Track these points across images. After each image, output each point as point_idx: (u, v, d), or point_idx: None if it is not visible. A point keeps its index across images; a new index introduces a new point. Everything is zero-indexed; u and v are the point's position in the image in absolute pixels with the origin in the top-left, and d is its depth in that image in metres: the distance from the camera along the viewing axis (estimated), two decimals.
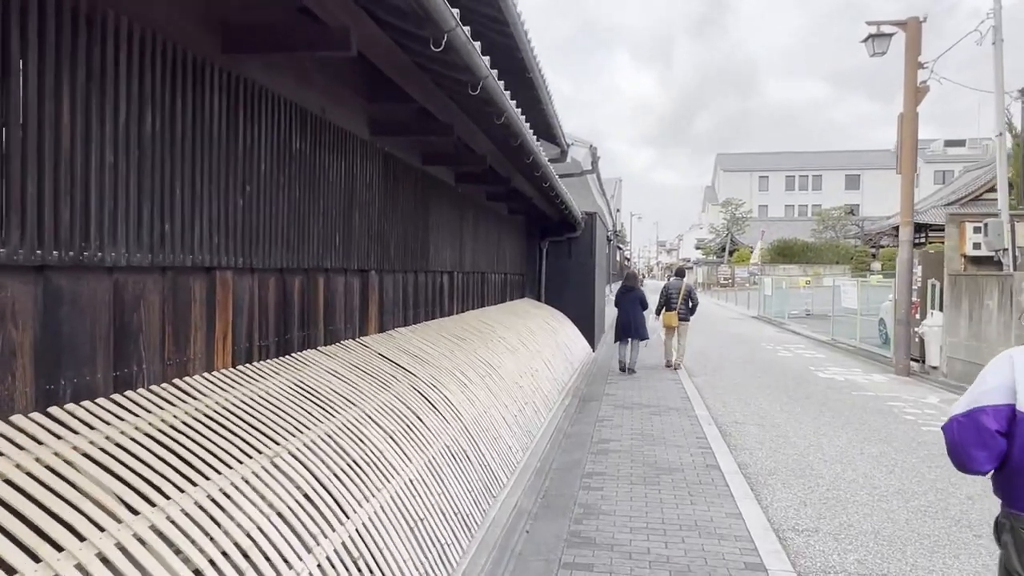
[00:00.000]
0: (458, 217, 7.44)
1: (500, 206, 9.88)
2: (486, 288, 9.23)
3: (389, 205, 5.26)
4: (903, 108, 10.51)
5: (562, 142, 11.86)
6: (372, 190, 4.89)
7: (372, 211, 4.89)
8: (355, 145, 4.59)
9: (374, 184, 4.92)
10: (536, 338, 8.74)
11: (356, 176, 4.61)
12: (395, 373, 4.31)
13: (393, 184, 5.34)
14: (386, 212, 5.20)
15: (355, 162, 4.60)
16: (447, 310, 7.25)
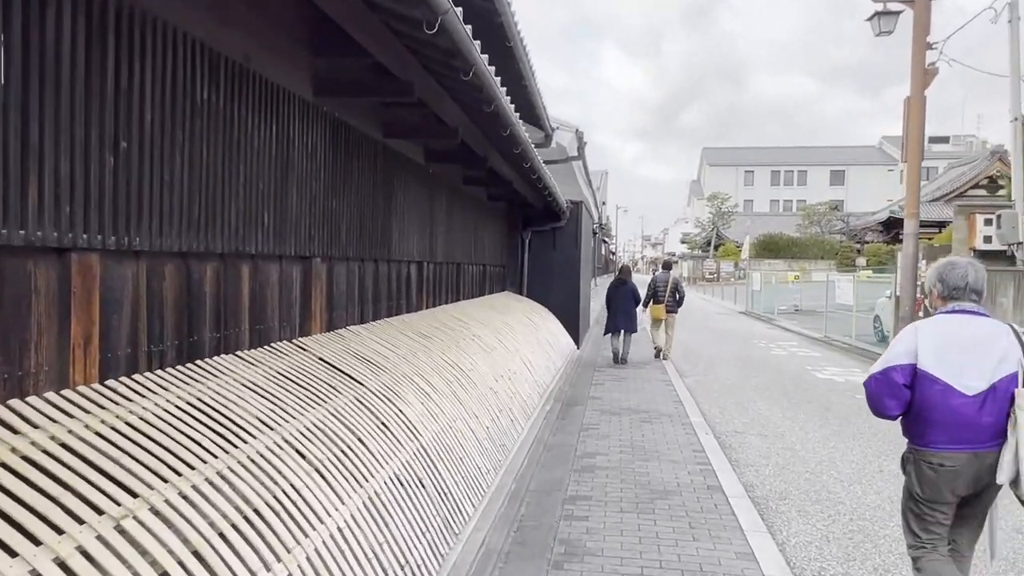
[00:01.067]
0: (428, 200, 6.65)
1: (479, 191, 9.09)
2: (462, 280, 8.45)
3: (340, 181, 4.46)
4: (910, 91, 9.83)
5: (546, 125, 11.07)
6: (316, 161, 4.09)
7: (316, 187, 4.09)
8: (294, 105, 3.79)
9: (319, 154, 4.12)
10: (516, 335, 7.99)
11: (294, 143, 3.81)
12: (337, 383, 3.53)
13: (345, 157, 4.54)
14: (336, 189, 4.40)
15: (293, 125, 3.80)
16: (415, 304, 6.47)
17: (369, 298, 5.24)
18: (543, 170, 7.87)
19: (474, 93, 4.30)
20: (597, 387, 8.61)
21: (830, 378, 9.76)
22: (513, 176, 8.08)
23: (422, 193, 6.43)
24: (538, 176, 7.41)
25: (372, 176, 5.08)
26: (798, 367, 10.88)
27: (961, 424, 2.48)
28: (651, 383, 8.93)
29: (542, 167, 7.72)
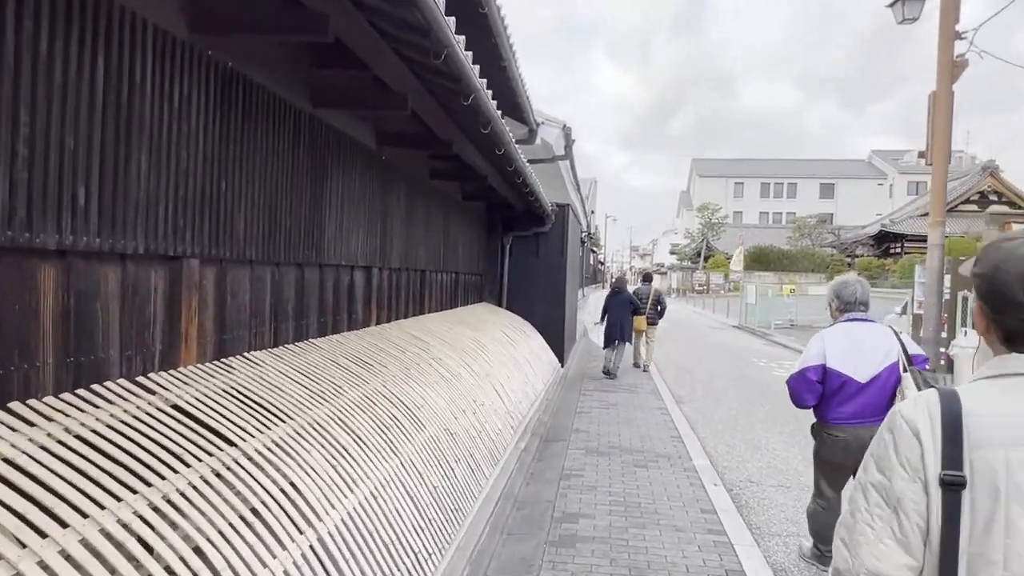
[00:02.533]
0: (381, 193, 5.47)
1: (451, 187, 7.93)
2: (427, 290, 7.27)
3: (235, 156, 3.28)
4: (936, 85, 8.79)
5: (530, 119, 9.95)
6: (191, 123, 2.90)
7: (188, 157, 2.90)
8: (145, 37, 2.61)
9: (194, 113, 2.94)
10: (488, 356, 6.80)
11: (148, 89, 2.62)
12: (184, 449, 2.33)
13: (245, 124, 3.35)
14: (226, 166, 3.21)
15: (149, 65, 2.62)
16: (361, 320, 5.28)
17: (288, 314, 4.05)
18: (523, 164, 6.72)
19: (420, 40, 3.13)
20: (583, 416, 7.43)
21: None
22: (487, 168, 6.92)
23: (371, 183, 5.25)
24: (514, 167, 6.25)
25: (292, 155, 3.90)
26: None
27: (855, 404, 3.25)
28: (644, 411, 7.76)
29: (521, 159, 6.57)
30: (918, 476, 1.12)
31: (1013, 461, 1.07)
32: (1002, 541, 1.07)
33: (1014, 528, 1.06)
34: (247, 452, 2.51)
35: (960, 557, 1.08)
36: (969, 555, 1.08)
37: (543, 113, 10.86)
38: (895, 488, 1.14)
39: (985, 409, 1.12)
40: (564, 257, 11.19)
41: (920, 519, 1.12)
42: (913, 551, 1.13)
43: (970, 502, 1.09)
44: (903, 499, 1.13)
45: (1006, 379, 1.14)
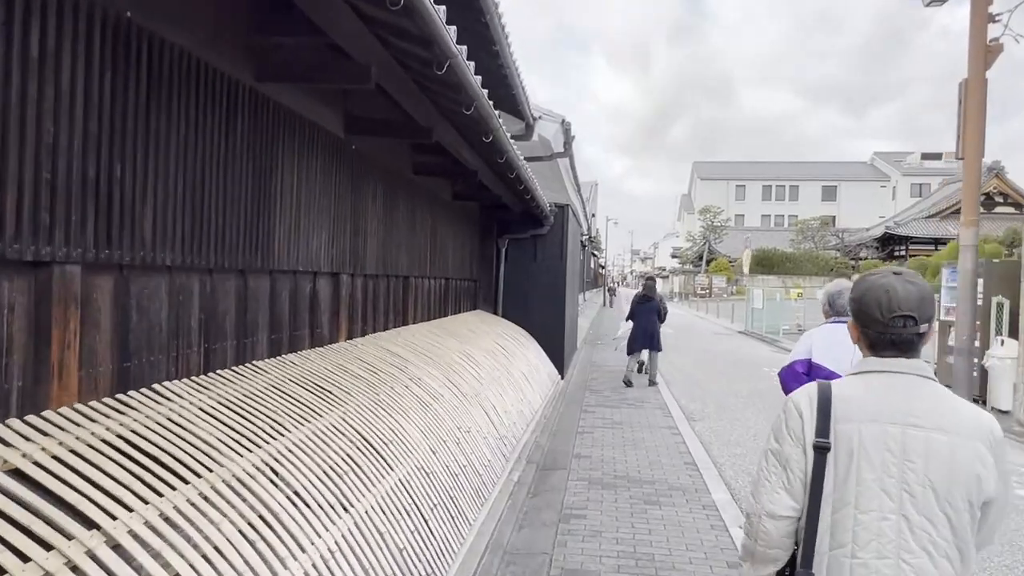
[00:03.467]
0: (351, 189, 4.75)
1: (438, 186, 7.21)
2: (411, 298, 6.54)
3: (133, 129, 2.55)
4: (968, 72, 8.07)
5: (526, 112, 9.24)
6: (59, 82, 2.18)
7: (55, 130, 2.18)
8: None
9: (67, 71, 2.22)
10: (479, 372, 6.07)
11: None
12: None
13: (148, 89, 2.63)
14: (122, 142, 2.48)
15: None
16: (327, 335, 4.55)
17: (227, 332, 3.32)
18: (516, 158, 6.00)
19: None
20: (585, 437, 6.68)
21: None
22: (478, 164, 6.19)
23: (339, 177, 4.53)
24: (506, 159, 5.52)
25: (228, 138, 3.18)
26: None
27: None
28: (653, 431, 7.02)
29: (513, 152, 5.86)
30: (800, 442, 1.55)
31: (863, 432, 1.51)
32: (854, 488, 1.50)
33: (862, 479, 1.49)
34: (90, 547, 1.78)
35: (825, 500, 1.52)
36: (833, 499, 1.52)
37: (541, 108, 10.16)
38: (784, 451, 1.58)
39: (848, 395, 1.56)
40: (563, 261, 10.47)
41: (801, 473, 1.55)
42: (796, 497, 1.56)
43: (833, 461, 1.52)
44: (790, 460, 1.56)
45: (866, 375, 1.59)
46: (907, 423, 1.48)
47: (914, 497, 1.46)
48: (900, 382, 1.53)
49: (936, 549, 1.45)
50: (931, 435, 1.47)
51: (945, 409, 1.50)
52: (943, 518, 1.45)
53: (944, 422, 1.48)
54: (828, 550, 1.51)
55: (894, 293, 1.52)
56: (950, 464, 1.45)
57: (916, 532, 1.45)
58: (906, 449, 1.47)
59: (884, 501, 1.47)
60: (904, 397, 1.51)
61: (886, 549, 1.46)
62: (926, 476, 1.45)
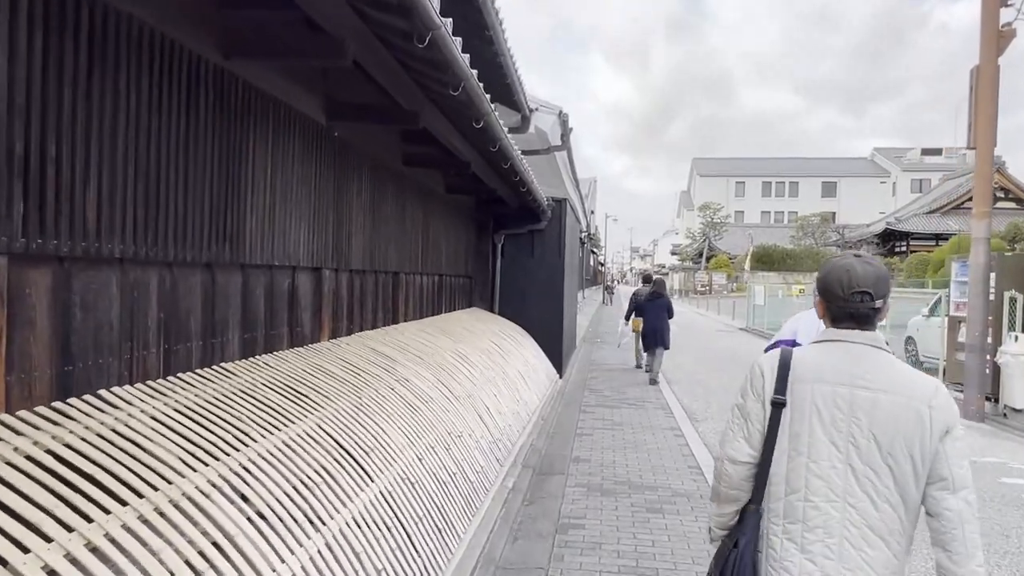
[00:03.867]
0: (333, 179, 4.46)
1: (430, 179, 6.93)
2: (401, 295, 6.26)
3: (71, 101, 2.27)
4: (980, 58, 7.79)
5: (522, 103, 8.97)
6: None
7: None
8: None
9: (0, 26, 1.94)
10: (473, 372, 5.80)
11: None
12: None
13: (89, 59, 2.35)
14: (57, 116, 2.21)
15: None
16: (309, 334, 4.27)
17: (191, 331, 3.04)
18: (512, 151, 5.73)
19: None
20: (583, 440, 6.41)
21: None
22: (471, 154, 5.91)
23: (320, 166, 4.25)
24: (499, 149, 5.24)
25: (190, 118, 2.90)
26: None
27: None
28: (654, 432, 6.75)
29: (511, 146, 5.59)
30: (760, 399, 1.76)
31: (816, 391, 1.70)
32: (806, 440, 1.69)
33: (814, 433, 1.68)
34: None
35: (782, 452, 1.72)
36: (788, 450, 1.71)
37: (537, 99, 9.88)
38: (747, 406, 1.79)
39: (806, 359, 1.76)
40: (562, 257, 10.18)
41: (760, 426, 1.75)
42: (754, 446, 1.77)
43: (788, 416, 1.72)
44: (751, 413, 1.78)
45: (825, 343, 1.77)
46: (856, 385, 1.67)
47: (859, 449, 1.64)
48: (854, 350, 1.71)
49: (878, 495, 1.64)
50: (877, 395, 1.65)
51: (893, 373, 1.68)
52: (886, 468, 1.63)
53: (890, 385, 1.66)
54: (784, 495, 1.71)
55: (854, 272, 1.71)
56: (893, 421, 1.63)
57: (860, 479, 1.64)
58: (853, 407, 1.66)
59: (832, 452, 1.66)
60: (856, 363, 1.69)
61: (834, 493, 1.66)
62: (870, 431, 1.64)
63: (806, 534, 1.69)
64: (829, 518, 1.66)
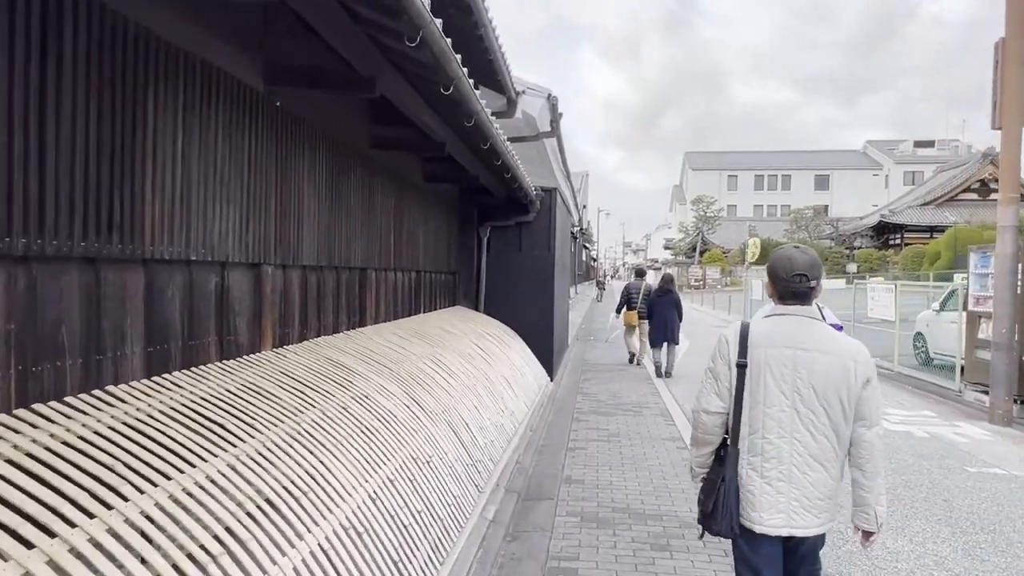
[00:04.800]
0: (274, 157, 3.75)
1: (405, 165, 6.22)
2: (370, 295, 5.56)
3: None
4: (1005, 30, 7.13)
5: (507, 84, 8.30)
6: None
7: None
8: None
9: None
10: (451, 381, 5.10)
11: None
12: None
13: None
14: None
15: None
16: (246, 343, 3.56)
17: (62, 347, 2.32)
18: (490, 127, 5.03)
19: None
20: (576, 455, 5.73)
21: (906, 430, 6.95)
22: (445, 132, 5.20)
23: (257, 141, 3.53)
24: (476, 124, 4.53)
25: (48, 60, 2.19)
26: None
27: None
28: (654, 444, 6.07)
29: (489, 120, 4.88)
30: (727, 362, 2.29)
31: (768, 353, 2.22)
32: (763, 392, 2.22)
33: (767, 385, 2.21)
34: None
35: (744, 401, 2.25)
36: (749, 400, 2.24)
37: (524, 81, 9.18)
38: (717, 368, 2.33)
39: (760, 330, 2.28)
40: (551, 251, 9.49)
41: (727, 383, 2.29)
42: (723, 399, 2.31)
43: (749, 374, 2.25)
44: (719, 374, 2.32)
45: (774, 317, 2.30)
46: (798, 347, 2.22)
47: (802, 396, 2.21)
48: (796, 321, 2.26)
49: (816, 431, 2.21)
50: (814, 355, 2.21)
51: (825, 337, 2.24)
52: (822, 410, 2.20)
53: (824, 346, 2.22)
54: (748, 434, 2.27)
55: (794, 259, 2.29)
56: (827, 374, 2.20)
57: (803, 419, 2.21)
58: (796, 364, 2.21)
59: (782, 399, 2.22)
60: (797, 330, 2.25)
61: (783, 431, 2.22)
62: (810, 382, 2.20)
63: (764, 464, 2.22)
64: (780, 450, 2.20)
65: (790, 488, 2.18)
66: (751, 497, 2.22)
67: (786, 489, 2.19)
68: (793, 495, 2.19)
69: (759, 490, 2.21)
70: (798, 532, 2.20)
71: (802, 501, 2.19)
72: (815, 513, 2.20)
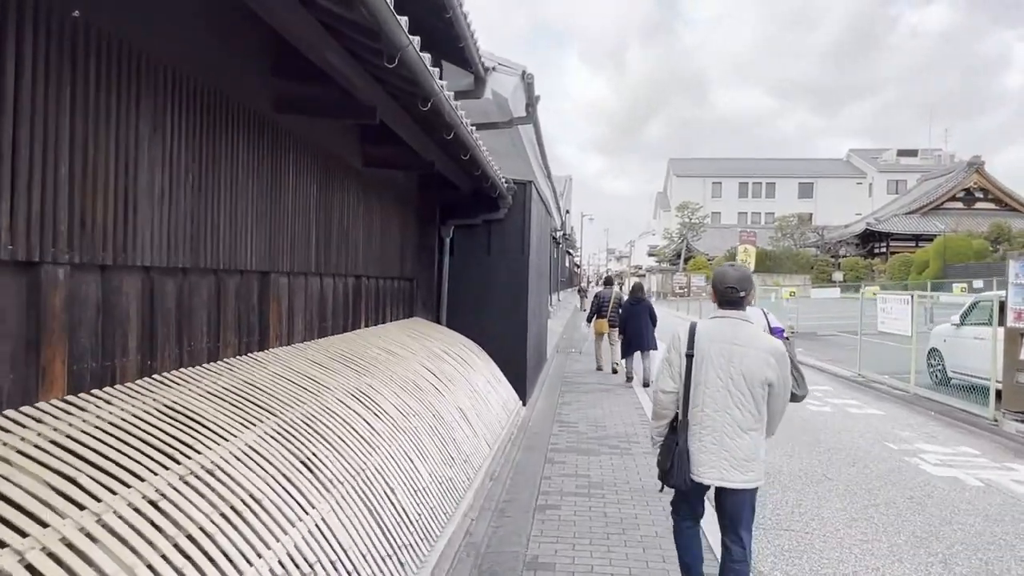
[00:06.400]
0: (104, 108, 2.41)
1: (335, 144, 4.88)
2: (276, 307, 4.20)
3: None
4: None
5: (474, 58, 6.99)
6: None
7: None
8: None
9: None
10: (381, 425, 3.77)
11: None
12: None
13: None
14: None
15: None
16: (30, 389, 2.20)
17: None
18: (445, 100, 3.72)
19: None
20: (547, 518, 4.40)
21: (951, 475, 5.71)
22: (376, 94, 3.88)
23: (75, 85, 2.19)
24: (418, 84, 3.20)
25: None
26: (873, 443, 6.80)
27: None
28: (648, 502, 4.77)
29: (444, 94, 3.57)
30: (679, 352, 3.00)
31: (710, 347, 2.92)
32: (704, 376, 2.93)
33: (708, 371, 2.92)
34: None
35: (691, 384, 2.97)
36: (694, 383, 2.95)
37: (495, 56, 7.87)
38: (671, 357, 3.04)
39: (704, 328, 2.99)
40: (525, 253, 8.18)
41: (679, 369, 3.00)
42: (676, 381, 3.01)
43: (695, 362, 2.95)
44: (673, 362, 3.03)
45: (715, 319, 3.02)
46: (733, 343, 2.93)
47: (733, 381, 2.91)
48: (731, 323, 2.99)
49: (743, 407, 2.91)
50: (745, 349, 2.91)
51: (753, 336, 2.96)
52: (748, 391, 2.90)
53: (751, 343, 2.92)
54: (692, 408, 2.98)
55: (727, 274, 3.08)
56: (752, 364, 2.89)
57: (734, 397, 2.90)
58: (731, 356, 2.91)
59: (718, 383, 2.92)
60: (732, 330, 2.96)
61: (718, 405, 2.92)
62: (740, 370, 2.90)
63: (702, 432, 2.96)
64: (715, 422, 2.93)
65: (721, 450, 2.91)
66: (692, 454, 2.96)
67: (718, 451, 2.91)
68: (724, 456, 2.90)
69: (696, 451, 2.95)
70: (727, 484, 2.91)
71: (731, 460, 2.90)
72: (741, 471, 2.89)
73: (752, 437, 2.88)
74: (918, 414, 8.43)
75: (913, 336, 9.78)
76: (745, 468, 2.86)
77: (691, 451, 2.92)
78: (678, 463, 2.93)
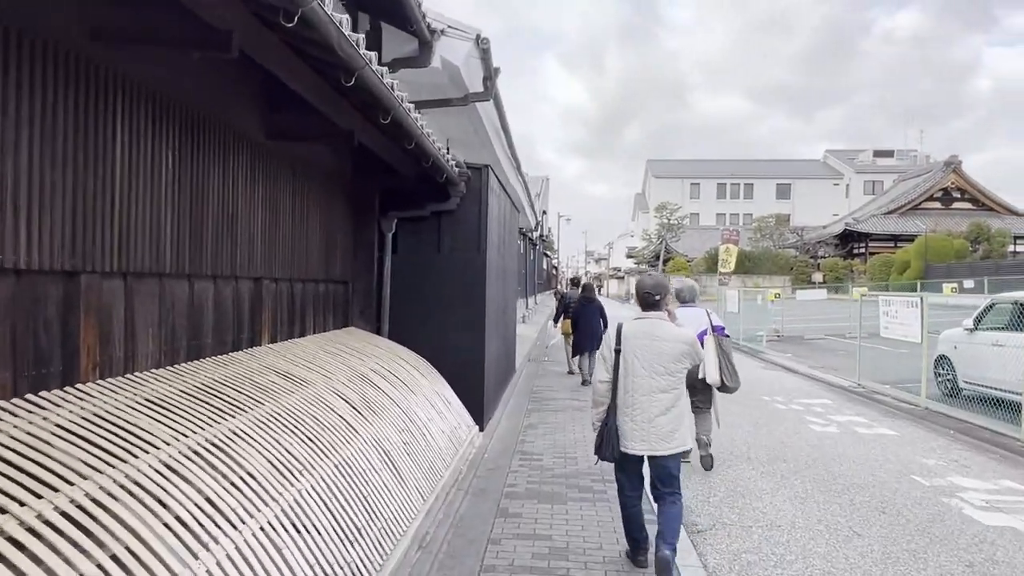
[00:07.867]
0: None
1: (225, 107, 3.63)
2: (120, 319, 2.93)
3: None
4: None
5: (416, 16, 5.84)
6: None
7: None
8: None
9: None
10: (241, 498, 2.53)
11: None
12: None
13: None
14: None
15: None
16: None
17: None
18: (347, 44, 2.49)
19: None
20: (499, 547, 3.17)
21: (1005, 524, 4.60)
22: (244, 28, 2.64)
23: None
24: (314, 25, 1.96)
25: None
26: (899, 477, 5.67)
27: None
28: None
29: (347, 37, 2.35)
30: (611, 349, 3.70)
31: (635, 343, 3.63)
32: (631, 367, 3.61)
33: (633, 363, 3.61)
34: None
35: (620, 374, 3.64)
36: (623, 373, 3.63)
37: (445, 17, 6.65)
38: (604, 354, 3.79)
39: (629, 328, 3.69)
40: (483, 251, 6.95)
41: (610, 363, 3.69)
42: (609, 372, 3.69)
43: (623, 356, 3.64)
44: (606, 357, 3.75)
45: (638, 319, 3.73)
46: (653, 338, 3.58)
47: (655, 369, 3.54)
48: (651, 322, 3.64)
49: (663, 391, 3.55)
50: (663, 343, 3.56)
51: (669, 331, 3.60)
52: (667, 376, 3.55)
53: (668, 337, 3.58)
54: (623, 394, 3.59)
55: (643, 282, 3.78)
56: (670, 353, 3.56)
57: (656, 382, 3.54)
58: (652, 349, 3.55)
59: (642, 371, 3.55)
60: (652, 328, 3.61)
61: (643, 390, 3.55)
62: (659, 359, 3.55)
63: (633, 412, 3.56)
64: (643, 403, 3.54)
65: (648, 427, 3.54)
66: (626, 432, 3.58)
67: (646, 427, 3.54)
68: (650, 431, 3.53)
69: (629, 429, 3.57)
70: (655, 453, 3.55)
71: (656, 433, 3.53)
72: (666, 441, 3.53)
73: (672, 413, 3.56)
74: (937, 434, 7.33)
75: (924, 344, 8.70)
76: (670, 438, 3.54)
77: (624, 430, 3.59)
78: (607, 438, 3.61)
